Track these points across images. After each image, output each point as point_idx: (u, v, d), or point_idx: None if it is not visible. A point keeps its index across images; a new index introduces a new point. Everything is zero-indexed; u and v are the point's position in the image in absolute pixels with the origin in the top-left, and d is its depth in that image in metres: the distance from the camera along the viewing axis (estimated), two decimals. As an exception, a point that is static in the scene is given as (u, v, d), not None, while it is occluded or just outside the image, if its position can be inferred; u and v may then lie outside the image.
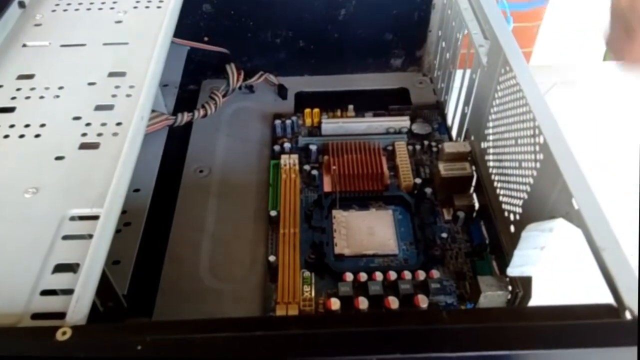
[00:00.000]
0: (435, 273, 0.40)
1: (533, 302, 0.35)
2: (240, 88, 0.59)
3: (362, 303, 0.38)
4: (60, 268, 0.26)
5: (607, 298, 0.24)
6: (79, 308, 0.24)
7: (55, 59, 0.39)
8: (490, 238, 0.42)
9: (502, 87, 0.38)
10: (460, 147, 0.45)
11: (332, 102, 0.56)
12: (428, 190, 0.47)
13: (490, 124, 0.41)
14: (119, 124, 0.33)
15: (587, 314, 0.23)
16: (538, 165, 0.32)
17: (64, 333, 0.22)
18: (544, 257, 0.32)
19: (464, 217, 0.44)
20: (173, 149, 0.53)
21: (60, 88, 0.36)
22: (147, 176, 0.49)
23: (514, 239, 0.34)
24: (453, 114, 0.52)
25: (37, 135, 0.33)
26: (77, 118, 0.34)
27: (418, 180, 0.48)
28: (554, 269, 0.32)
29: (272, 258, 0.42)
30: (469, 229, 0.44)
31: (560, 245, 0.31)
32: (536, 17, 0.97)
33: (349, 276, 0.40)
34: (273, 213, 0.45)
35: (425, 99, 0.57)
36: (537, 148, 0.32)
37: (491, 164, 0.42)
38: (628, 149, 0.66)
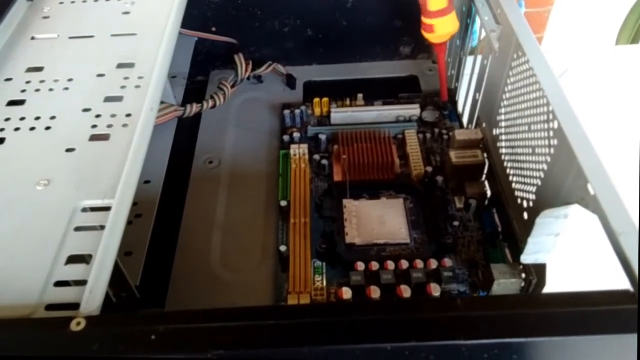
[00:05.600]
0: (448, 261, 0.40)
1: (547, 289, 0.35)
2: (248, 78, 0.59)
3: (375, 292, 0.38)
4: (73, 259, 0.26)
5: (624, 284, 0.23)
6: (92, 299, 0.24)
7: (64, 51, 0.39)
8: (502, 226, 0.42)
9: (515, 72, 0.37)
10: (471, 134, 0.45)
11: (342, 91, 0.55)
12: (439, 178, 0.46)
13: (503, 111, 0.41)
14: (128, 115, 0.33)
15: (604, 300, 0.23)
16: (552, 151, 0.31)
17: (78, 324, 0.22)
18: (559, 244, 0.32)
19: (476, 205, 0.44)
20: (182, 140, 0.53)
21: (70, 80, 0.36)
22: (158, 168, 0.49)
23: (528, 227, 0.34)
24: (464, 101, 0.52)
25: (48, 128, 0.33)
26: (87, 110, 0.34)
27: (429, 169, 0.47)
28: (569, 255, 0.31)
29: (283, 248, 0.42)
30: (481, 217, 0.44)
31: (575, 231, 0.30)
32: (547, 2, 0.95)
33: (361, 265, 0.40)
34: (283, 203, 0.45)
35: (435, 87, 0.57)
36: (552, 134, 0.31)
37: (504, 151, 0.41)
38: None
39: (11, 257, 0.26)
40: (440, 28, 0.47)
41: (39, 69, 0.37)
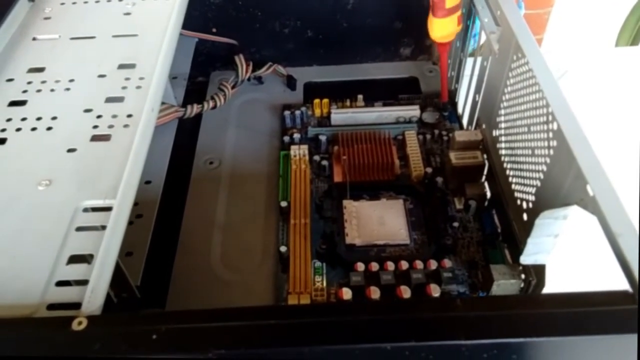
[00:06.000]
0: (447, 262, 0.40)
1: (546, 290, 0.35)
2: (249, 79, 0.59)
3: (374, 293, 0.38)
4: (74, 259, 0.26)
5: (623, 284, 0.24)
6: (94, 298, 0.24)
7: (65, 52, 0.39)
8: (502, 227, 0.42)
9: (514, 73, 0.38)
10: (471, 135, 0.45)
11: (342, 92, 0.55)
12: (439, 179, 0.46)
13: (502, 112, 0.41)
14: (129, 115, 0.33)
15: (602, 300, 0.23)
16: (551, 152, 0.32)
17: (79, 323, 0.22)
18: (558, 244, 0.32)
19: (476, 206, 0.44)
20: (183, 141, 0.53)
21: (71, 81, 0.36)
22: (158, 168, 0.49)
23: (527, 227, 0.34)
24: (464, 102, 0.52)
25: (49, 128, 0.33)
26: (88, 110, 0.34)
27: (429, 170, 0.47)
28: (568, 256, 0.31)
29: (283, 249, 0.42)
30: (480, 218, 0.44)
31: (574, 232, 0.30)
32: (547, 3, 0.95)
33: (361, 266, 0.40)
34: (283, 204, 0.45)
35: (435, 88, 0.57)
36: (551, 135, 0.31)
37: (503, 152, 0.41)
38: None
39: (13, 256, 0.26)
40: (460, 18, 0.47)
41: (40, 70, 0.37)
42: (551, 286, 0.34)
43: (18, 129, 0.33)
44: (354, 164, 0.47)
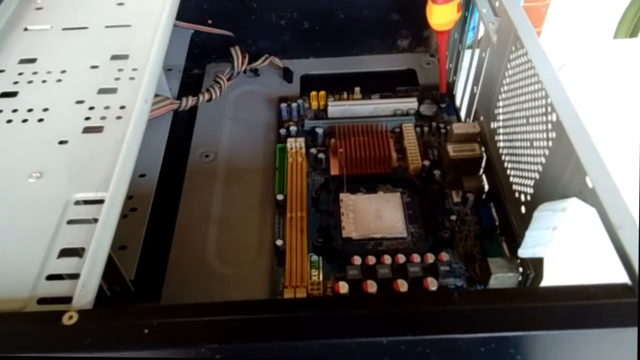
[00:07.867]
0: (445, 255, 0.40)
1: (544, 283, 0.35)
2: (245, 71, 0.58)
3: (371, 286, 0.38)
4: (65, 252, 0.26)
5: (623, 277, 0.23)
6: (85, 292, 0.23)
7: (57, 43, 0.38)
8: (500, 220, 0.42)
9: (513, 65, 0.37)
10: (469, 128, 0.45)
11: (339, 85, 0.55)
12: (437, 172, 0.46)
13: (501, 104, 0.40)
14: (122, 107, 0.33)
15: (602, 293, 0.22)
16: (550, 143, 0.31)
17: (70, 317, 0.22)
18: (557, 237, 0.31)
19: (473, 198, 0.44)
20: (178, 133, 0.53)
21: (63, 72, 0.36)
22: (153, 161, 0.49)
23: (525, 220, 0.34)
24: (462, 94, 0.51)
25: (40, 120, 0.33)
26: (80, 102, 0.34)
27: (426, 163, 0.47)
28: (566, 249, 0.31)
29: (279, 242, 0.42)
30: (478, 211, 0.44)
31: (573, 224, 0.30)
32: (545, -4, 0.95)
33: (357, 259, 0.40)
34: (280, 197, 0.45)
35: (433, 80, 0.56)
36: (550, 126, 0.31)
37: (501, 144, 0.41)
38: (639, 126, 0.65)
39: (3, 250, 0.26)
40: (459, 6, 0.46)
41: (32, 60, 0.37)
42: (549, 279, 0.34)
43: (9, 121, 0.33)
44: (351, 157, 0.47)
